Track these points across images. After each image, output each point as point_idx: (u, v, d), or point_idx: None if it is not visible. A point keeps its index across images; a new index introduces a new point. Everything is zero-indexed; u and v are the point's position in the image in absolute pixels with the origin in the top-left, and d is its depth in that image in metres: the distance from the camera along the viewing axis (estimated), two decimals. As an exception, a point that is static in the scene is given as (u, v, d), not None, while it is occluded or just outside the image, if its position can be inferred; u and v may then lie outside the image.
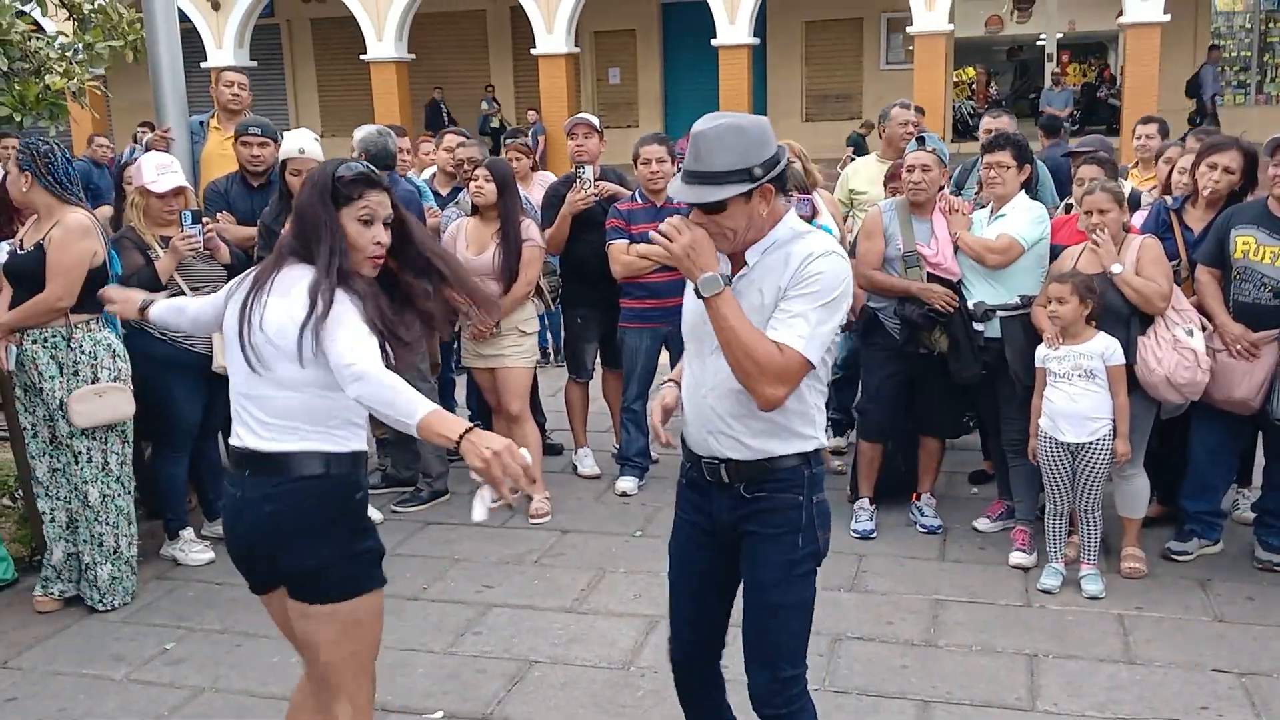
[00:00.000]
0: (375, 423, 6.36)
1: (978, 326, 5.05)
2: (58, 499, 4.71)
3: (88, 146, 13.49)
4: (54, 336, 4.54)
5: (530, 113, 20.30)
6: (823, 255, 2.63)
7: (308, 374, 2.64)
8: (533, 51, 19.92)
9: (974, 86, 25.65)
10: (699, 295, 2.62)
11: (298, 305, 2.62)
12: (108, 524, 4.66)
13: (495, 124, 22.00)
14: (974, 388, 5.22)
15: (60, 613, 4.72)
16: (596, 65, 23.38)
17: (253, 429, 2.73)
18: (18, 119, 5.42)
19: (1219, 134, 5.84)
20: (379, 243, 2.73)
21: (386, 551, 2.87)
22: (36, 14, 6.06)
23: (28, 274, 4.50)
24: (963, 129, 23.03)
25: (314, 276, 2.64)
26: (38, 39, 5.51)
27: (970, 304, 5.06)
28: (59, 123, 5.65)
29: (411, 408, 2.42)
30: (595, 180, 5.93)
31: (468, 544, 5.31)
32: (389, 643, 4.35)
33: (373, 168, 2.76)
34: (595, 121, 6.17)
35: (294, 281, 2.68)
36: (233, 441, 2.80)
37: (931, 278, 5.11)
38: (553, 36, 19.50)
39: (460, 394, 6.98)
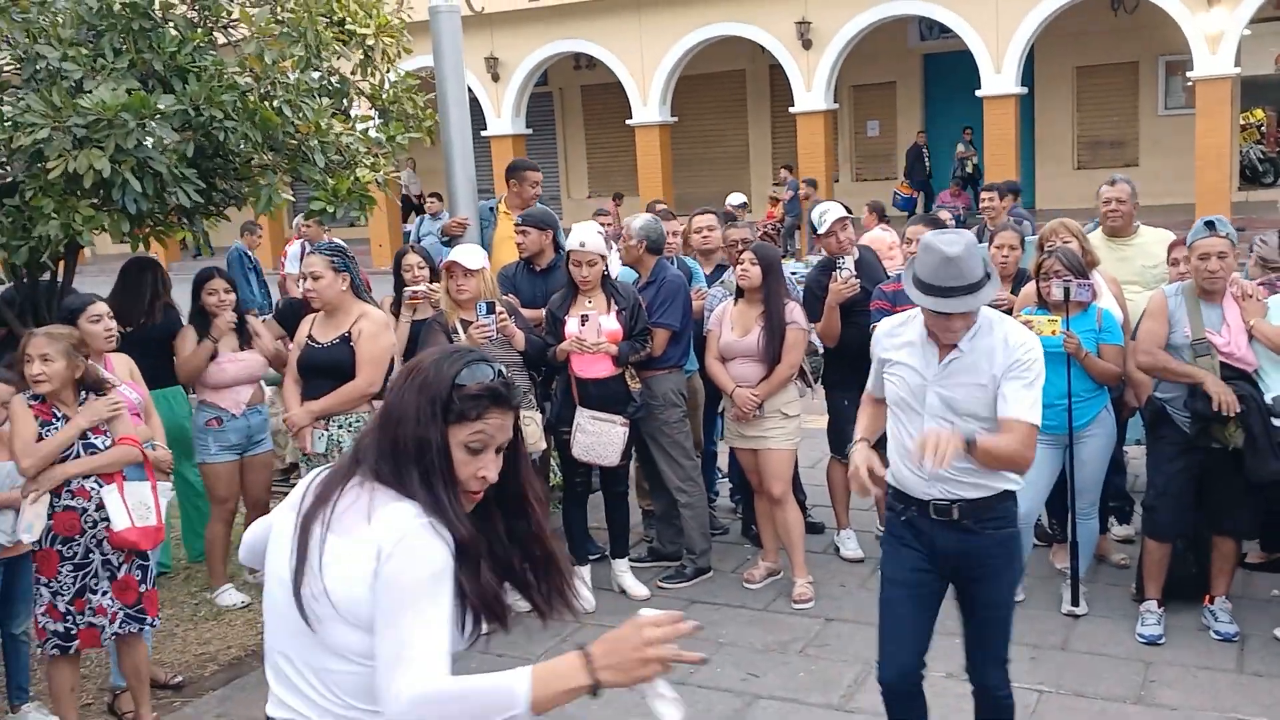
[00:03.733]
0: (642, 493, 6.61)
1: (1276, 422, 4.70)
2: None
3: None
4: (357, 422, 4.94)
5: (783, 171, 20.38)
6: (1028, 340, 3.43)
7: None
8: (791, 110, 20.06)
9: (1263, 129, 23.86)
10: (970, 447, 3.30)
11: (367, 557, 1.96)
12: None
13: (970, 169, 20.33)
14: (1275, 487, 4.86)
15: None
16: (854, 119, 23.30)
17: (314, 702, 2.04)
18: (331, 210, 5.96)
19: None
20: (484, 477, 2.10)
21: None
22: (341, 109, 6.65)
23: (333, 366, 4.93)
24: (1251, 175, 21.50)
25: (407, 517, 1.98)
26: (349, 135, 6.04)
27: (1269, 398, 4.72)
28: (368, 212, 6.17)
29: (505, 699, 1.86)
30: (854, 271, 5.88)
31: (732, 626, 5.36)
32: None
33: (507, 379, 2.12)
34: (849, 215, 6.17)
35: (367, 515, 2.00)
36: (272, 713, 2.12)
37: (1224, 367, 4.80)
38: (811, 94, 19.59)
39: (722, 463, 7.08)
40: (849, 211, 6.31)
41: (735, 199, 10.89)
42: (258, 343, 5.78)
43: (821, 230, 6.06)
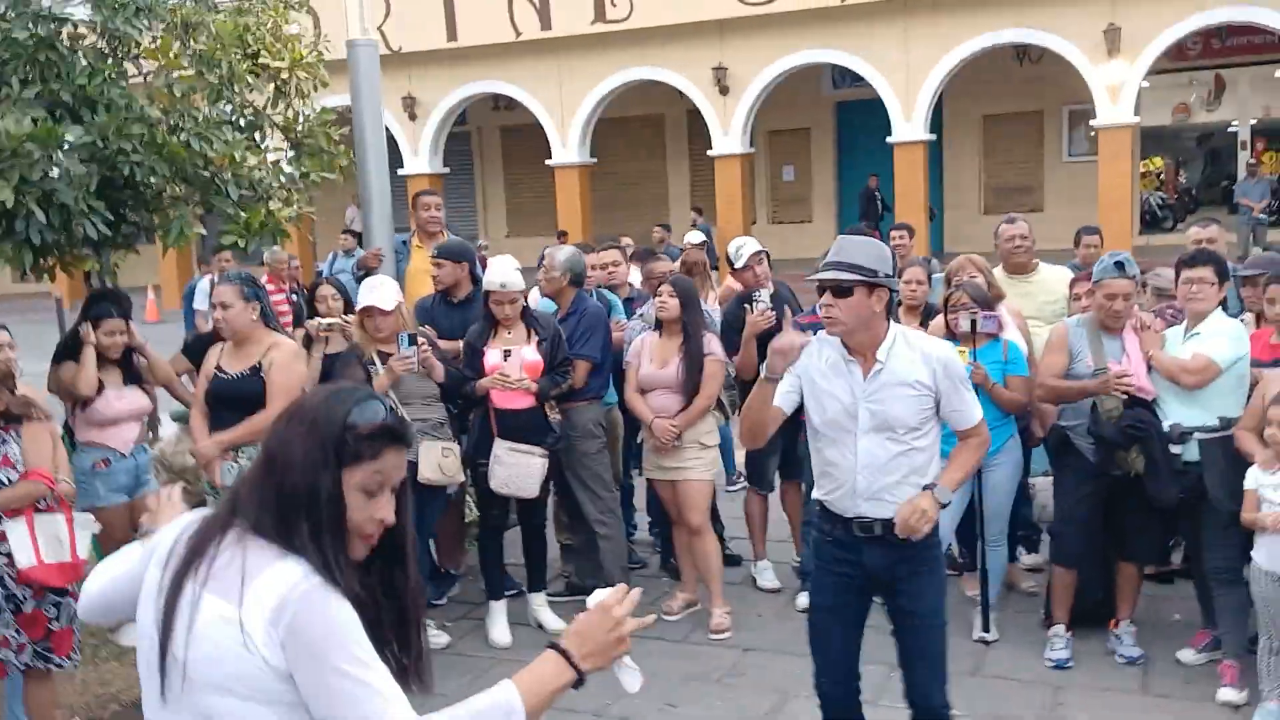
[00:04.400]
0: (560, 527, 6.59)
1: (1175, 449, 4.86)
2: None
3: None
4: None
5: (693, 213, 20.64)
6: (944, 348, 3.70)
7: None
8: (709, 153, 20.34)
9: (1162, 177, 24.79)
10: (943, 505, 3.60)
11: (257, 623, 1.79)
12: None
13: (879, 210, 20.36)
14: (1174, 511, 5.01)
15: None
16: (771, 163, 23.69)
17: None
18: (242, 244, 5.90)
19: None
20: (381, 520, 1.94)
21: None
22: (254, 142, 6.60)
23: (242, 397, 4.84)
24: (1152, 220, 22.28)
25: (293, 580, 1.82)
26: (261, 170, 5.99)
27: (1167, 425, 4.88)
28: (280, 245, 6.12)
29: (503, 708, 1.84)
30: (770, 304, 5.97)
31: (650, 658, 5.32)
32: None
33: (402, 416, 2.03)
34: (765, 251, 6.28)
35: (248, 575, 1.83)
36: None
37: (1127, 395, 4.96)
38: (728, 137, 19.89)
39: (639, 499, 7.09)
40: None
41: (694, 237, 10.75)
42: (149, 372, 5.60)
43: (739, 264, 6.15)
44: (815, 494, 3.80)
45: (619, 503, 6.15)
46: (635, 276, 7.35)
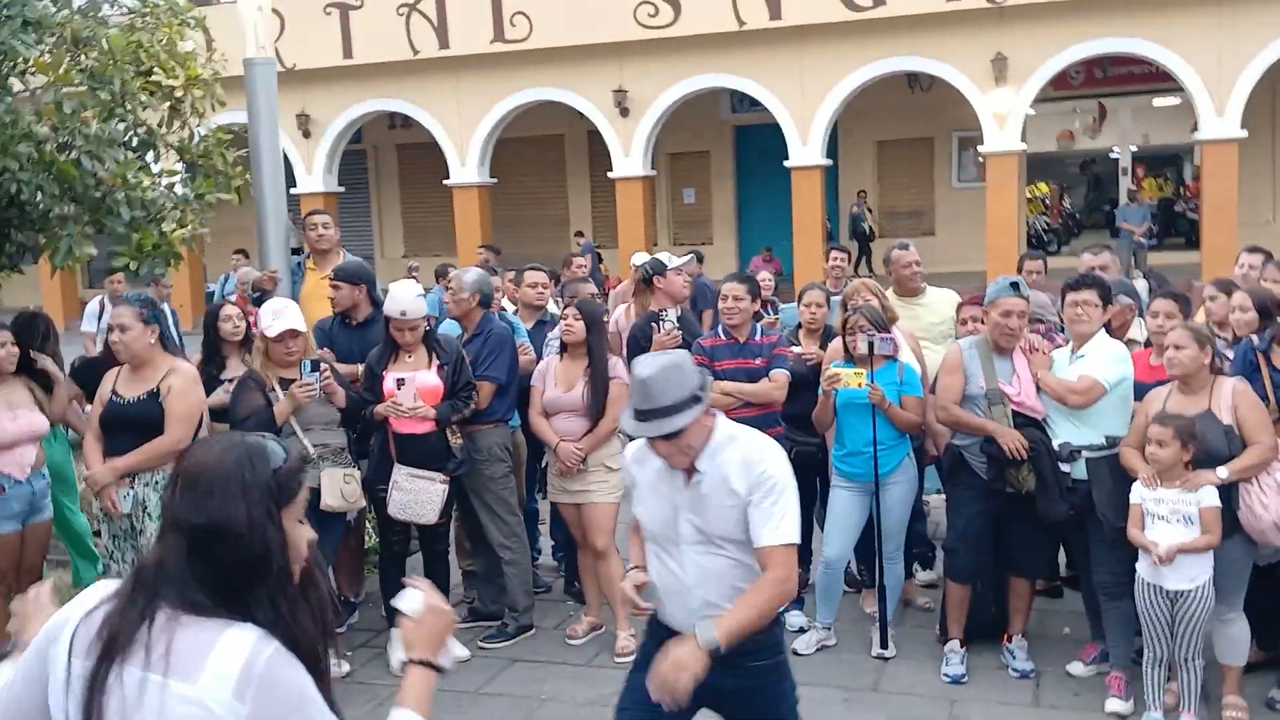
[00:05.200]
0: (462, 553, 6.53)
1: (1064, 467, 5.04)
2: None
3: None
4: (165, 479, 4.74)
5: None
6: (766, 455, 3.20)
7: None
8: (610, 175, 20.44)
9: (1047, 202, 25.66)
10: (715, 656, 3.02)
11: (221, 697, 1.78)
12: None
13: (865, 229, 21.75)
14: (1064, 527, 5.19)
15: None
16: (671, 185, 23.89)
17: None
18: (134, 267, 5.75)
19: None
20: (311, 540, 2.01)
21: (474, 690, 2.75)
22: (148, 162, 6.44)
23: (139, 422, 4.71)
24: (1038, 244, 23.02)
25: (250, 648, 1.81)
26: (155, 190, 5.85)
27: (1057, 444, 5.05)
28: (174, 267, 5.97)
29: None
30: (676, 324, 6.05)
31: (555, 682, 5.33)
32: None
33: (305, 442, 2.07)
34: (678, 264, 6.35)
35: (201, 651, 1.80)
36: None
37: (1016, 415, 5.13)
38: (629, 159, 20.01)
39: (544, 523, 7.07)
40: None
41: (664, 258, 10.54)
42: (49, 404, 5.43)
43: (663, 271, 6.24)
44: (651, 603, 3.39)
45: (523, 526, 6.12)
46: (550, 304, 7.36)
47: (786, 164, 19.24)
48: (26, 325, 5.61)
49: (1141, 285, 8.05)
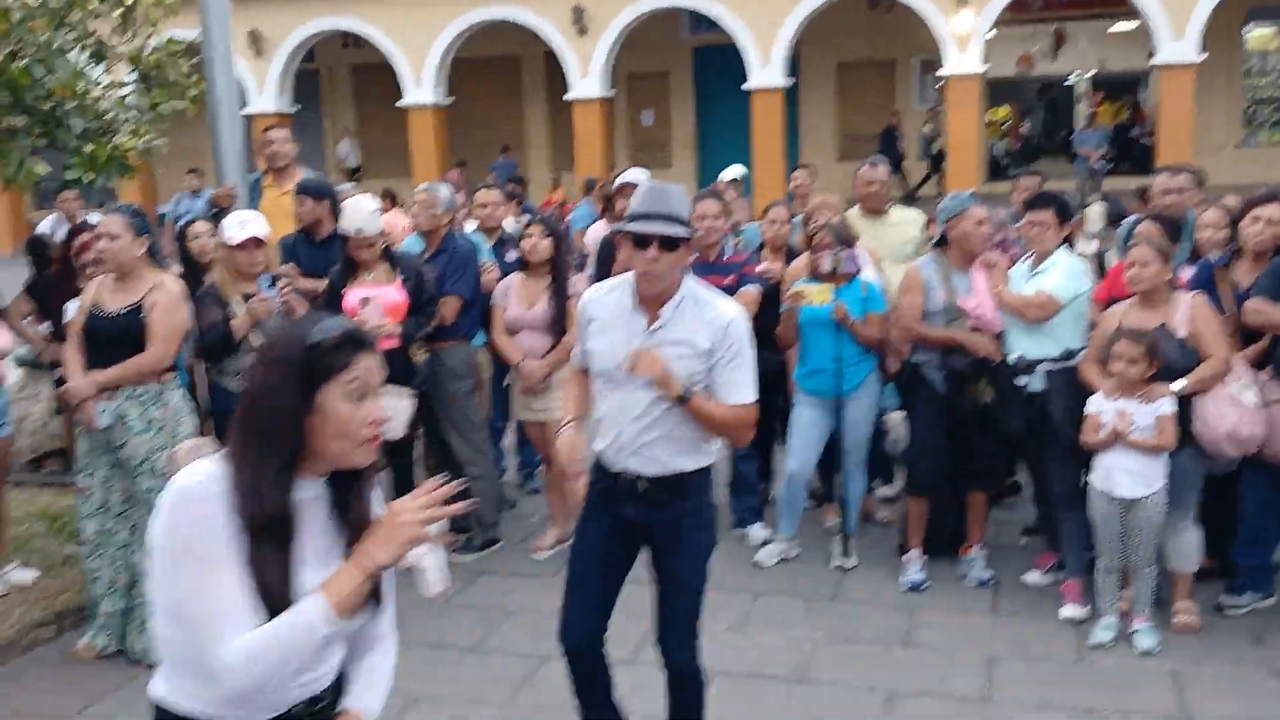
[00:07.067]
0: (428, 470, 6.53)
1: (1021, 380, 5.11)
2: (104, 559, 4.81)
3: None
4: (146, 394, 4.66)
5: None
6: (731, 314, 3.39)
7: None
8: (566, 97, 20.18)
9: (1006, 127, 25.71)
10: (682, 401, 3.33)
11: None
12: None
13: (936, 150, 20.84)
14: (1020, 440, 5.28)
15: (112, 668, 4.78)
16: (630, 108, 23.63)
17: None
18: (87, 179, 5.62)
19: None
20: (375, 421, 2.06)
21: (443, 602, 2.76)
22: (100, 72, 6.27)
23: (121, 336, 4.60)
24: (995, 168, 23.10)
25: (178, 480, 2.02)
26: (107, 100, 5.71)
27: (1012, 358, 5.12)
28: (127, 180, 5.84)
29: (310, 618, 1.97)
30: None
31: (521, 594, 5.40)
32: (447, 695, 4.45)
33: (355, 326, 2.12)
34: (644, 177, 6.30)
35: None
36: None
37: (974, 331, 5.19)
38: (587, 81, 19.76)
39: (507, 442, 7.09)
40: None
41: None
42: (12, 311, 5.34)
43: (613, 188, 6.19)
44: (593, 444, 3.58)
45: (488, 442, 6.14)
46: (509, 221, 7.30)
47: (746, 86, 19.10)
48: None
49: (1098, 208, 8.08)
